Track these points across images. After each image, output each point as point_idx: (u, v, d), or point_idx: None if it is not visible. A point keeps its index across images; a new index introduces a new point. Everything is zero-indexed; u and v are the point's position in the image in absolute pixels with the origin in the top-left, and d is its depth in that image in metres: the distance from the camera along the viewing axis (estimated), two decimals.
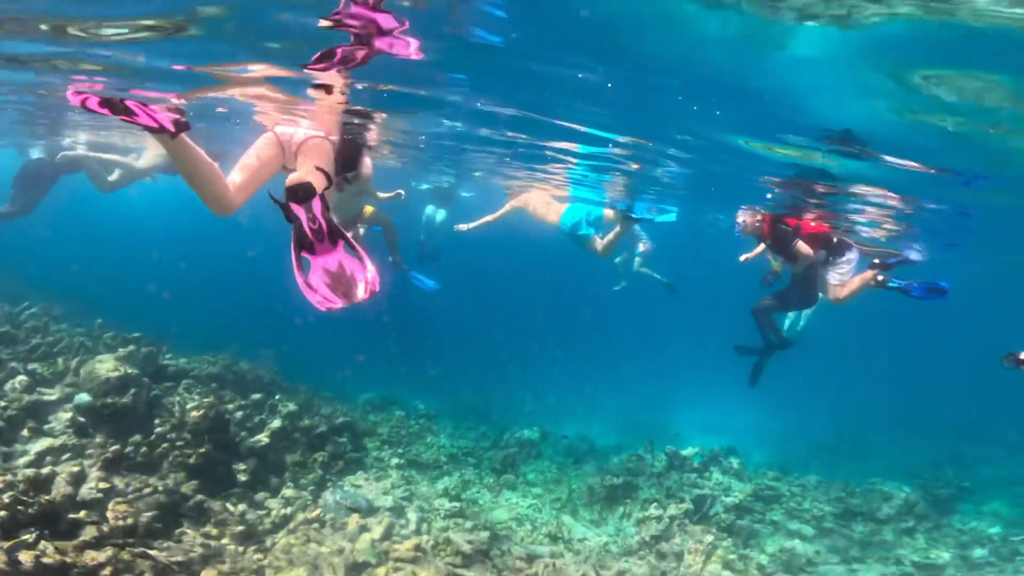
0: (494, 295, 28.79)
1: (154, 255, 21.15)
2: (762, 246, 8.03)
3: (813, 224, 8.53)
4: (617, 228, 8.45)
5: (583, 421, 15.18)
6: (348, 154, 4.66)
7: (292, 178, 3.04)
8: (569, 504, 10.06)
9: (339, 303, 3.03)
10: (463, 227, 9.27)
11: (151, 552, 5.20)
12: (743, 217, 7.87)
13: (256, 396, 8.60)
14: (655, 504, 9.38)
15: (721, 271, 26.01)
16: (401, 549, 6.88)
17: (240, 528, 6.07)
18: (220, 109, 7.94)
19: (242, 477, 6.97)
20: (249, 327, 17.65)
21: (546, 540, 8.68)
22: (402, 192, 8.29)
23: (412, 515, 7.73)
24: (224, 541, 5.88)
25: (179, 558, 5.36)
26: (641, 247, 12.98)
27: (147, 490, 6.01)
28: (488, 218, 9.33)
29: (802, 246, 7.42)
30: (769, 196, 9.58)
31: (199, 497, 6.22)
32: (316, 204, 3.05)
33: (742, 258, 8.54)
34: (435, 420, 12.10)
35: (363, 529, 6.90)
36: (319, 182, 3.23)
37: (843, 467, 12.54)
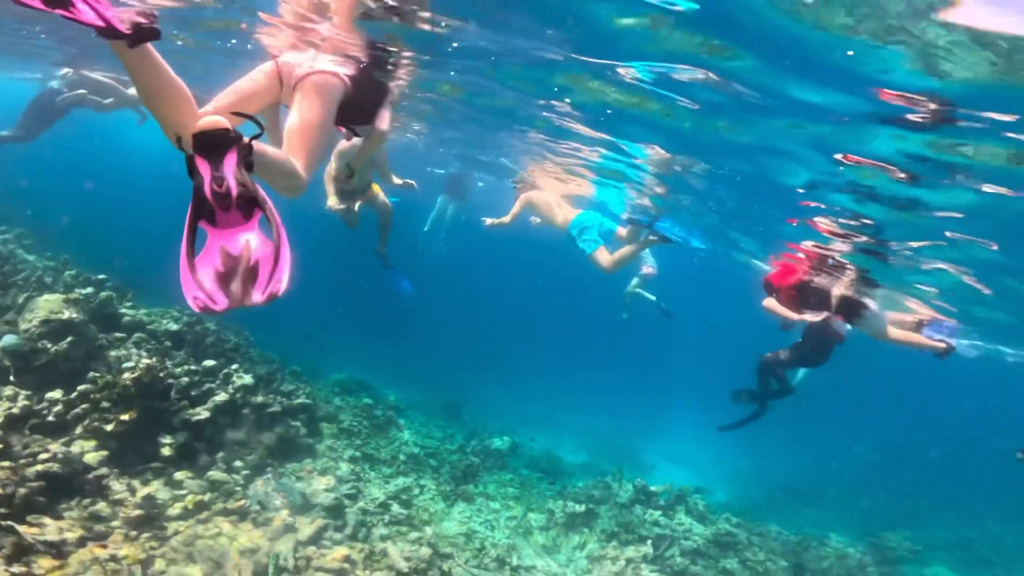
0: (485, 297, 27.78)
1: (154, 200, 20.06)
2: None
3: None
4: (634, 245, 7.59)
5: (555, 434, 14.11)
6: (365, 100, 3.58)
7: (203, 121, 1.94)
8: (524, 525, 8.98)
9: (220, 304, 1.86)
10: (489, 221, 8.29)
11: (17, 527, 4.12)
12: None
13: (210, 363, 7.51)
14: (613, 543, 8.30)
15: (718, 306, 25.20)
16: (328, 557, 5.79)
17: (138, 512, 4.98)
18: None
19: (165, 452, 5.88)
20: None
21: (493, 565, 7.57)
22: (415, 184, 7.39)
23: (352, 517, 6.63)
24: (115, 524, 4.80)
25: (50, 537, 4.28)
26: (645, 270, 11.91)
27: (44, 456, 4.93)
28: (505, 219, 8.36)
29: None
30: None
31: (102, 470, 5.15)
32: (229, 159, 1.93)
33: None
34: (403, 413, 11.00)
35: (289, 528, 5.80)
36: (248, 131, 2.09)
37: (803, 514, 12.02)
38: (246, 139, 1.97)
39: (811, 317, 6.67)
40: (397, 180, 7.82)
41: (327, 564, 5.66)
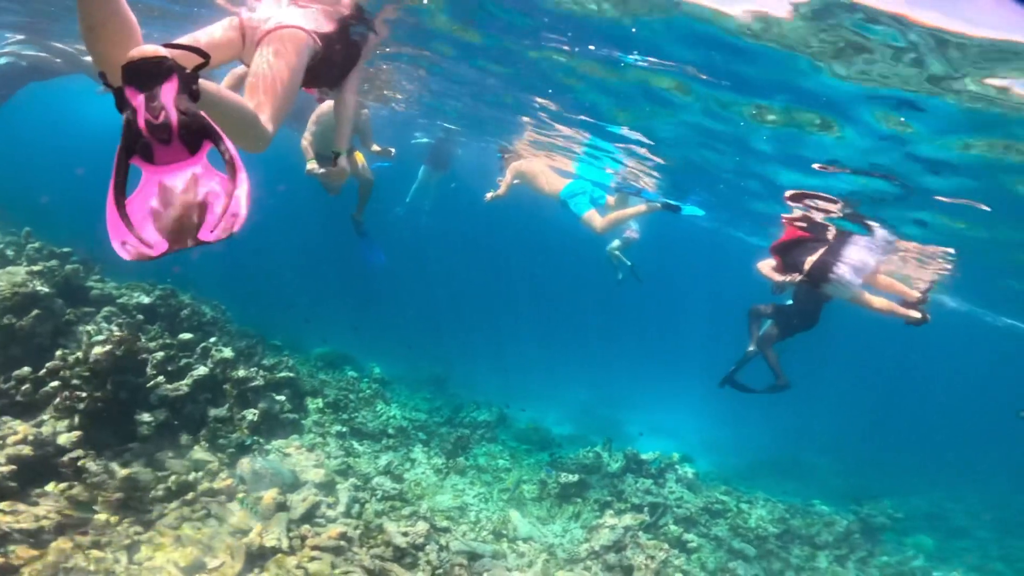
0: (469, 269, 27.43)
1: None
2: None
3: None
4: (634, 208, 7.91)
5: (541, 406, 14.06)
6: (337, 60, 3.30)
7: (135, 50, 1.61)
8: (518, 497, 8.91)
9: (157, 248, 1.57)
10: (489, 196, 8.41)
11: None
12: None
13: (186, 336, 7.11)
14: (610, 512, 8.28)
15: (705, 277, 25.33)
16: (323, 535, 5.58)
17: (119, 495, 4.66)
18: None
19: (144, 431, 5.53)
20: (213, 261, 16.06)
21: (490, 537, 7.48)
22: (392, 150, 7.24)
23: (344, 494, 6.41)
24: (96, 508, 4.49)
25: (26, 524, 3.97)
26: (628, 234, 11.76)
27: (13, 438, 4.56)
28: (500, 191, 8.38)
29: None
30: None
31: (77, 452, 4.80)
32: (168, 88, 1.59)
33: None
34: (390, 387, 10.74)
35: (280, 507, 5.55)
36: (184, 58, 1.75)
37: (783, 484, 12.19)
38: (188, 69, 1.66)
39: (779, 277, 6.65)
40: (376, 147, 7.57)
41: (323, 542, 5.45)
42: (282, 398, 7.29)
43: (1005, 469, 15.60)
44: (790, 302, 7.66)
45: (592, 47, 5.09)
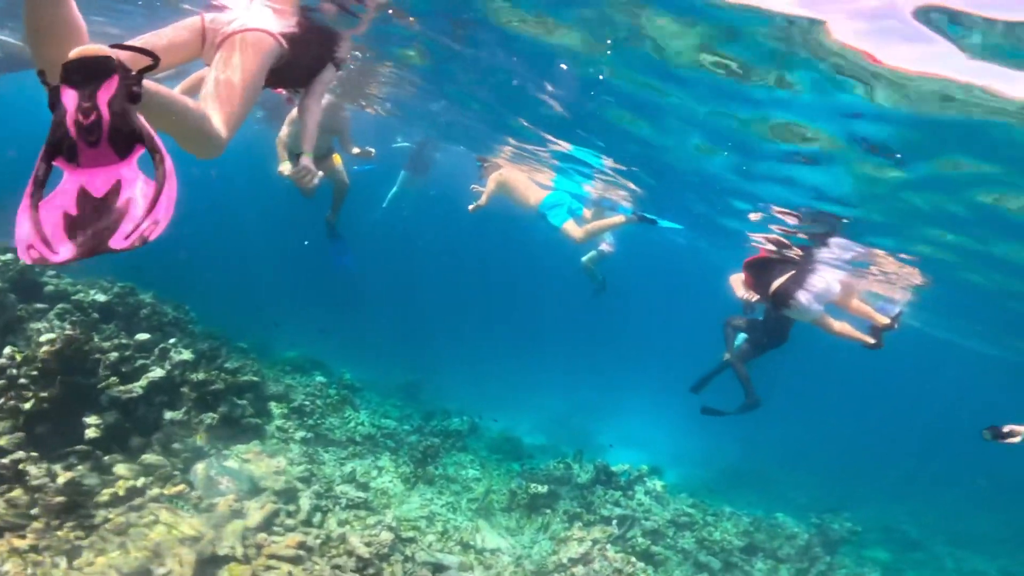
0: (444, 276, 27.20)
1: None
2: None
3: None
4: (612, 219, 8.04)
5: (514, 414, 13.92)
6: (305, 61, 3.24)
7: (77, 49, 1.53)
8: (487, 507, 8.74)
9: (61, 255, 1.46)
10: (472, 207, 8.34)
11: None
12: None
13: (143, 336, 6.81)
14: (579, 524, 8.19)
15: (677, 291, 25.59)
16: (281, 544, 5.34)
17: (60, 499, 4.38)
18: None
19: (92, 434, 5.24)
20: (182, 261, 15.57)
21: (457, 548, 7.29)
22: (373, 151, 7.16)
23: (306, 502, 6.18)
24: (34, 512, 4.20)
25: None
26: (603, 247, 11.81)
27: None
28: (482, 201, 8.35)
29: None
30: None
31: (19, 454, 4.50)
32: (106, 88, 1.51)
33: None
34: (359, 393, 10.49)
35: (236, 514, 5.30)
36: (133, 60, 1.67)
37: (747, 496, 12.35)
38: (134, 71, 1.58)
39: (742, 293, 6.75)
40: (355, 149, 7.48)
41: (280, 551, 5.22)
42: (244, 402, 7.03)
43: (957, 483, 16.01)
44: (761, 318, 7.74)
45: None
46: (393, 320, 18.41)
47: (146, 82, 1.65)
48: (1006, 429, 4.73)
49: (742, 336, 8.06)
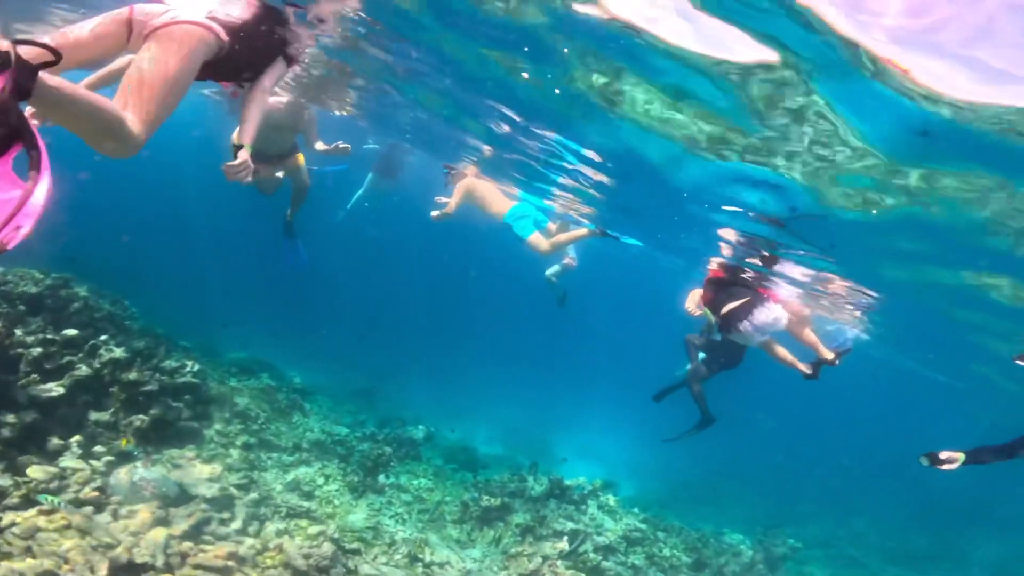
0: (406, 282, 26.76)
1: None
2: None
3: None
4: (575, 232, 8.06)
5: (472, 423, 13.66)
6: (251, 55, 3.09)
7: None
8: (438, 519, 8.46)
9: None
10: (435, 214, 8.08)
11: None
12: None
13: (72, 332, 6.34)
14: (530, 538, 8.01)
15: (635, 304, 25.82)
16: (209, 554, 4.98)
17: None
18: None
19: (5, 433, 4.80)
20: (132, 256, 14.84)
21: (404, 561, 6.99)
22: (347, 147, 6.91)
23: (241, 510, 5.81)
24: None
25: None
26: (566, 261, 11.80)
27: None
28: (449, 209, 8.14)
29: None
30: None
31: None
32: None
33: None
34: (310, 398, 10.08)
35: (160, 522, 4.92)
36: (33, 54, 1.60)
37: (699, 510, 12.48)
38: (31, 65, 1.51)
39: (691, 306, 6.79)
40: (324, 146, 7.30)
41: (207, 561, 4.85)
42: (180, 405, 6.60)
43: (893, 501, 16.52)
44: (719, 337, 7.77)
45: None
46: (352, 324, 17.91)
47: (48, 78, 1.59)
48: (943, 456, 4.80)
49: (702, 355, 8.11)
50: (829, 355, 6.23)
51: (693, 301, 6.86)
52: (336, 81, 8.33)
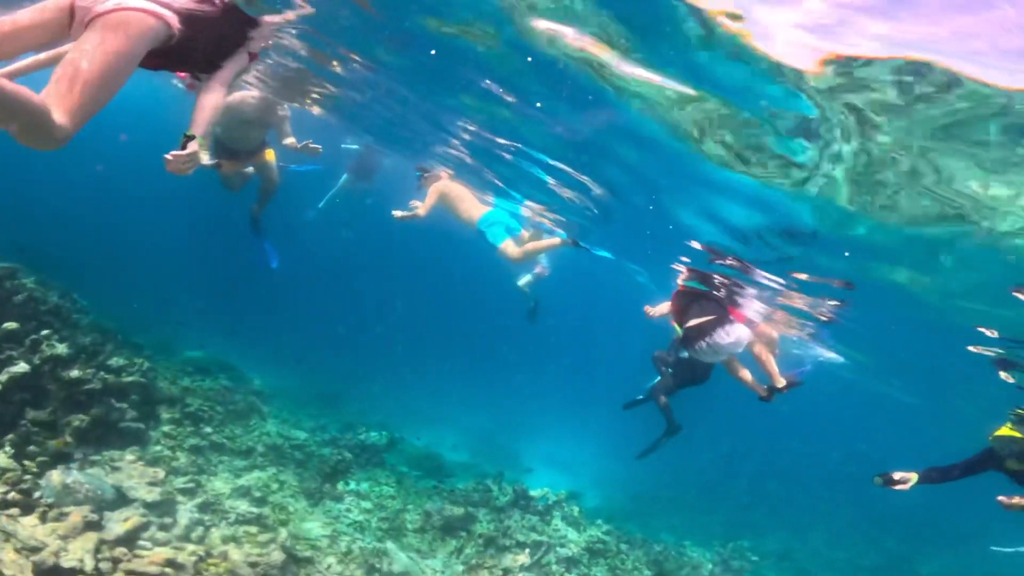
0: (375, 285, 26.34)
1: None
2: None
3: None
4: (545, 242, 8.08)
5: (439, 430, 13.44)
6: (208, 44, 2.97)
7: None
8: (399, 527, 8.22)
9: None
10: (399, 214, 7.79)
11: None
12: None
13: (12, 325, 5.99)
14: (492, 550, 7.85)
15: (605, 314, 25.86)
16: (144, 560, 4.70)
17: None
18: None
19: None
20: (92, 249, 14.26)
21: (359, 571, 6.75)
22: (318, 147, 6.78)
23: (184, 516, 5.52)
24: None
25: None
26: (538, 269, 11.75)
27: None
28: (419, 212, 7.91)
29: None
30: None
31: None
32: None
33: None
34: (269, 400, 9.74)
35: (92, 526, 4.62)
36: None
37: (661, 520, 12.58)
38: None
39: (653, 312, 6.78)
40: (291, 140, 7.12)
41: (142, 567, 4.57)
42: (124, 405, 6.28)
43: (844, 514, 16.81)
44: (685, 354, 7.74)
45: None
46: (319, 326, 17.53)
47: None
48: (896, 476, 4.90)
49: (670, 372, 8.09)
50: (780, 382, 6.22)
51: (657, 308, 6.83)
52: (308, 78, 8.16)
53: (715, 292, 8.58)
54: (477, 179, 9.84)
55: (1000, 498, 4.60)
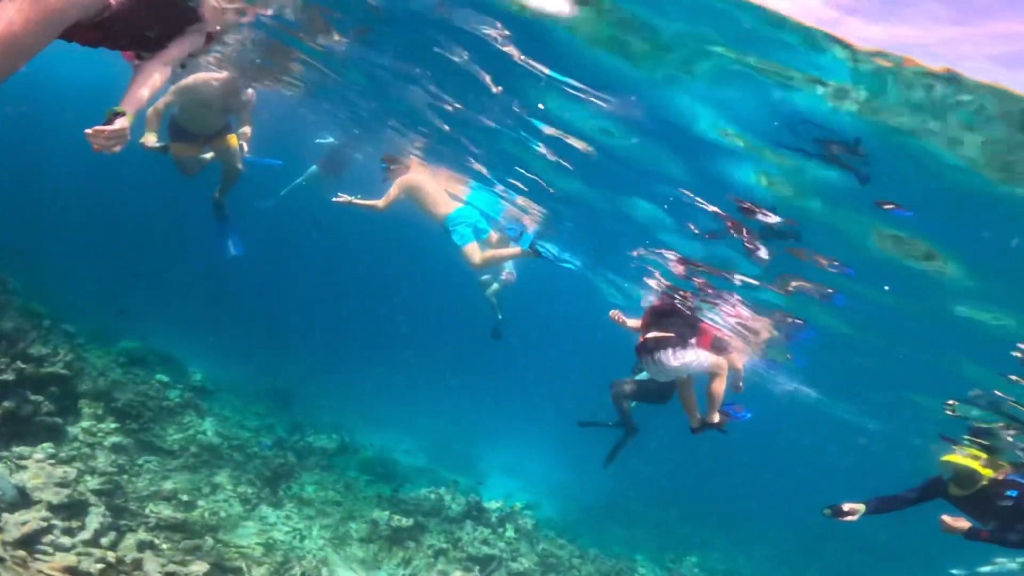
0: (335, 283, 25.66)
1: None
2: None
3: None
4: (506, 250, 7.88)
5: (394, 433, 13.05)
6: (152, 17, 2.72)
7: None
8: (343, 536, 7.84)
9: None
10: (343, 198, 7.24)
11: None
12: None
13: None
14: (442, 563, 7.56)
15: (568, 324, 25.75)
16: (43, 566, 4.26)
17: None
18: None
19: None
20: (33, 232, 13.48)
21: None
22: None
23: (95, 519, 5.06)
24: None
25: None
26: (504, 276, 11.53)
27: None
28: (376, 202, 7.43)
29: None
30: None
31: None
32: None
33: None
34: (210, 397, 9.21)
35: None
36: None
37: (613, 532, 12.52)
38: None
39: (620, 318, 6.60)
40: (246, 140, 6.91)
41: (40, 573, 4.15)
42: (40, 398, 5.77)
43: (791, 531, 17.08)
44: (645, 376, 7.57)
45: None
46: (273, 321, 16.92)
47: None
48: (845, 507, 4.94)
49: (644, 374, 7.84)
50: (714, 419, 6.13)
51: (628, 320, 6.62)
52: (277, 59, 7.78)
53: (688, 312, 8.45)
54: (455, 159, 9.36)
55: (944, 516, 4.70)
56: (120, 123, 2.62)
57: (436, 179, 10.75)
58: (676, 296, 8.87)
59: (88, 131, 2.54)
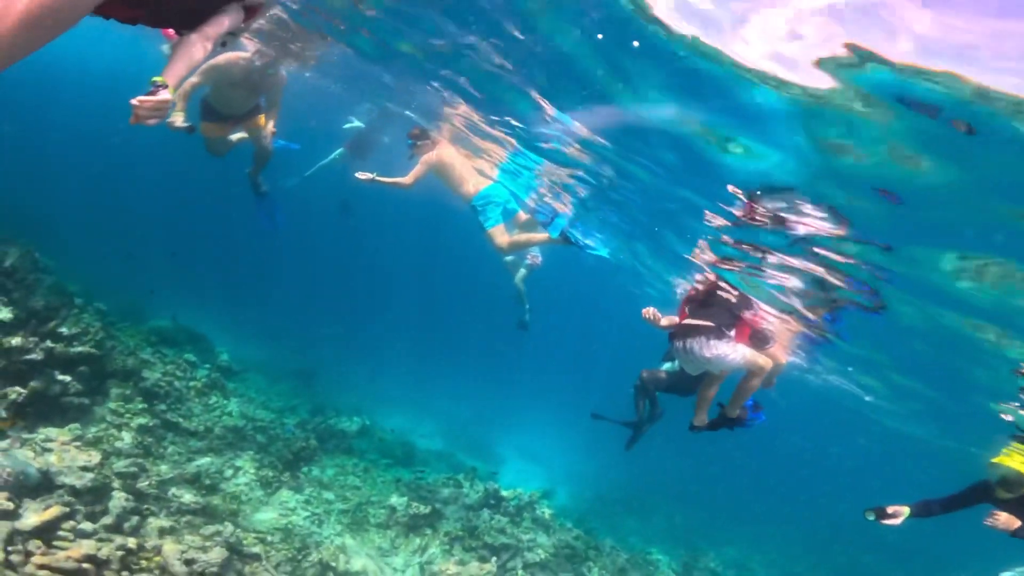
0: (360, 265, 25.82)
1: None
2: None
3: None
4: (533, 235, 7.62)
5: (414, 417, 13.14)
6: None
7: None
8: (361, 521, 7.91)
9: None
10: (364, 176, 7.04)
11: None
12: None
13: None
14: (458, 551, 7.57)
15: (592, 308, 25.43)
16: (61, 554, 4.35)
17: None
18: None
19: None
20: (60, 203, 13.83)
21: (312, 570, 6.42)
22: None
23: (118, 504, 5.16)
24: None
25: None
26: (530, 259, 11.33)
27: None
28: (402, 180, 7.20)
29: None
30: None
31: None
32: None
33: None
34: (236, 378, 9.34)
35: (6, 515, 4.26)
36: None
37: (628, 523, 12.49)
38: None
39: (650, 316, 6.33)
40: (272, 121, 6.92)
41: (57, 562, 4.19)
42: (68, 377, 5.88)
43: (802, 528, 16.77)
44: (672, 367, 7.32)
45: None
46: (298, 301, 17.12)
47: None
48: (890, 510, 4.68)
49: (667, 365, 7.62)
50: (733, 414, 5.84)
51: (663, 318, 6.36)
52: (308, 38, 7.60)
53: (732, 298, 8.05)
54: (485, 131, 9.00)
55: (997, 511, 4.46)
56: (164, 95, 2.52)
57: (464, 157, 10.53)
58: (724, 270, 8.33)
59: (133, 100, 2.44)
